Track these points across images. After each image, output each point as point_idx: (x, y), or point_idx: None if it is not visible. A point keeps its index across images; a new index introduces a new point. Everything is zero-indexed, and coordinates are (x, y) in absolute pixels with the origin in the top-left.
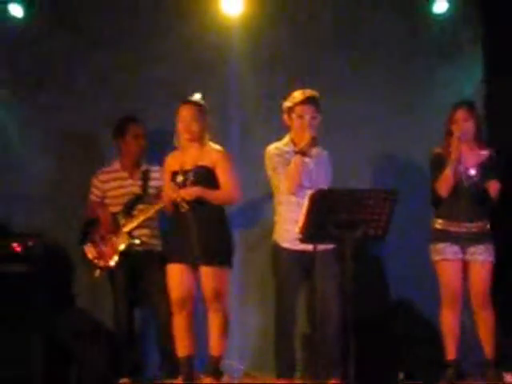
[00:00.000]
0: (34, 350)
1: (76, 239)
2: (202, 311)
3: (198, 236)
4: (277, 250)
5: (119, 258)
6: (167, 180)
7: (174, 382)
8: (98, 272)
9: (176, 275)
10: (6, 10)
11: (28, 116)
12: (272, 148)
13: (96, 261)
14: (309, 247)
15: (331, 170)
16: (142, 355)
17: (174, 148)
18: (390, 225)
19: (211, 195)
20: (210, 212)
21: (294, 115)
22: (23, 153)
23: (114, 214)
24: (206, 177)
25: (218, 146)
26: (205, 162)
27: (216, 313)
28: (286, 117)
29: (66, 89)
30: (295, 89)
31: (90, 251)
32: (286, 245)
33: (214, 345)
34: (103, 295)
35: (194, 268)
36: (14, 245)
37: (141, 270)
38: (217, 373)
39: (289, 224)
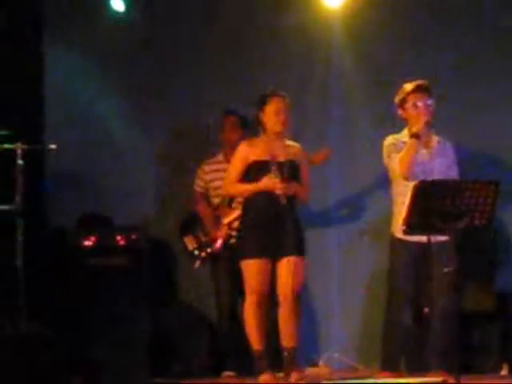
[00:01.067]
0: (139, 342)
1: (178, 232)
2: None
3: (293, 228)
4: (393, 240)
5: (219, 250)
6: (238, 168)
7: (277, 374)
8: (197, 263)
9: (263, 270)
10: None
11: (134, 116)
12: (389, 138)
13: (196, 252)
14: (424, 239)
15: (455, 161)
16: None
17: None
18: (494, 214)
19: (299, 191)
20: (295, 206)
21: (407, 105)
22: (127, 151)
23: (216, 206)
24: (296, 172)
25: (295, 142)
26: (294, 157)
27: (296, 303)
28: (400, 111)
29: (163, 92)
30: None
31: (191, 243)
32: (401, 236)
33: (292, 337)
34: (206, 287)
35: (274, 261)
36: (118, 238)
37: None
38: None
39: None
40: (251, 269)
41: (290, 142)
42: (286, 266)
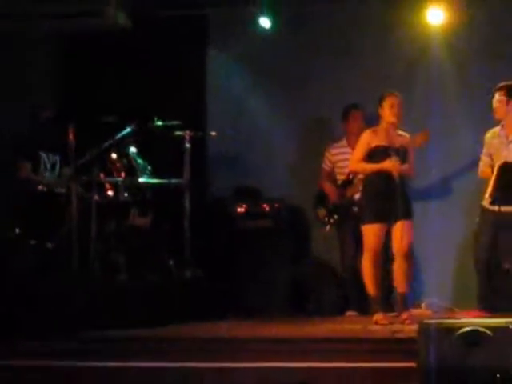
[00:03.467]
0: (281, 286)
1: (311, 203)
2: None
3: (402, 198)
4: (482, 210)
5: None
6: (363, 151)
7: (389, 314)
8: (327, 228)
9: (379, 232)
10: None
11: (278, 109)
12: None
13: (326, 219)
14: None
15: None
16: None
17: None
18: None
19: (408, 171)
20: (405, 181)
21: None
22: (272, 137)
23: (340, 182)
24: (406, 156)
25: (404, 132)
26: (406, 144)
27: (408, 257)
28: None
29: (303, 86)
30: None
31: (321, 212)
32: (487, 206)
33: (404, 284)
34: (332, 246)
35: (389, 225)
36: (264, 206)
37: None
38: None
39: None
40: (369, 232)
41: (401, 132)
42: (399, 229)
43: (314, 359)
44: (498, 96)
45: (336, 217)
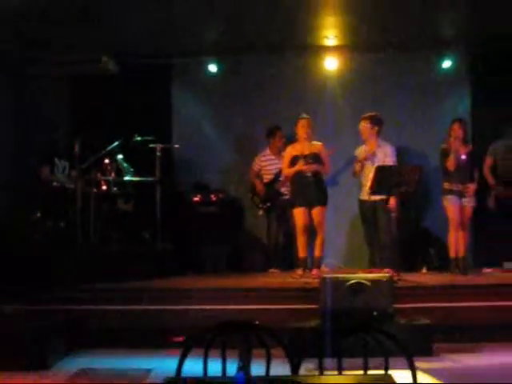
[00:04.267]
0: (224, 253)
1: (247, 194)
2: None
3: (316, 189)
4: (361, 200)
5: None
6: (288, 160)
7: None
8: (261, 212)
9: (303, 214)
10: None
11: (221, 125)
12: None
13: (261, 205)
14: (374, 198)
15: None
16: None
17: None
18: (417, 185)
19: (320, 169)
20: (319, 176)
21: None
22: (217, 145)
23: (268, 180)
24: (318, 158)
25: (318, 142)
26: (317, 150)
27: (321, 231)
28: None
29: (240, 112)
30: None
31: (257, 200)
32: (363, 197)
33: (318, 251)
34: (262, 225)
35: (309, 209)
36: (212, 196)
37: (286, 210)
38: (319, 267)
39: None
40: (298, 213)
41: (314, 142)
42: (315, 212)
43: (250, 303)
44: (363, 123)
45: (268, 204)
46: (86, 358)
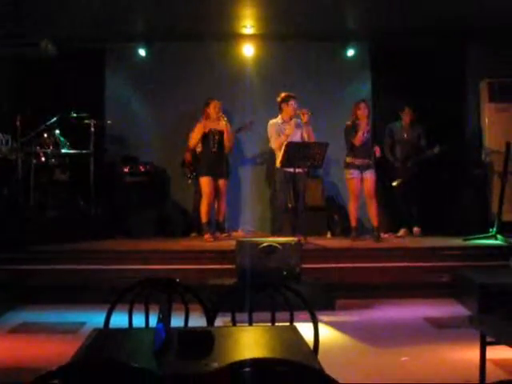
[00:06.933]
0: (151, 219)
1: (174, 165)
2: None
3: (222, 164)
4: (276, 170)
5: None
6: (198, 137)
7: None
8: (190, 181)
9: (209, 182)
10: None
11: (153, 103)
12: (272, 121)
13: (189, 175)
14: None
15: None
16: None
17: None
18: (324, 160)
19: (225, 145)
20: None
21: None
22: (148, 122)
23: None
24: (221, 135)
25: (224, 120)
26: (222, 127)
27: (223, 200)
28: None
29: (170, 92)
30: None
31: (187, 171)
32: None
33: (222, 216)
34: (189, 191)
35: (215, 179)
36: (141, 167)
37: None
38: (222, 230)
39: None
40: (204, 182)
41: (222, 121)
42: (219, 183)
43: (175, 263)
44: (293, 101)
45: (194, 174)
46: (28, 312)
